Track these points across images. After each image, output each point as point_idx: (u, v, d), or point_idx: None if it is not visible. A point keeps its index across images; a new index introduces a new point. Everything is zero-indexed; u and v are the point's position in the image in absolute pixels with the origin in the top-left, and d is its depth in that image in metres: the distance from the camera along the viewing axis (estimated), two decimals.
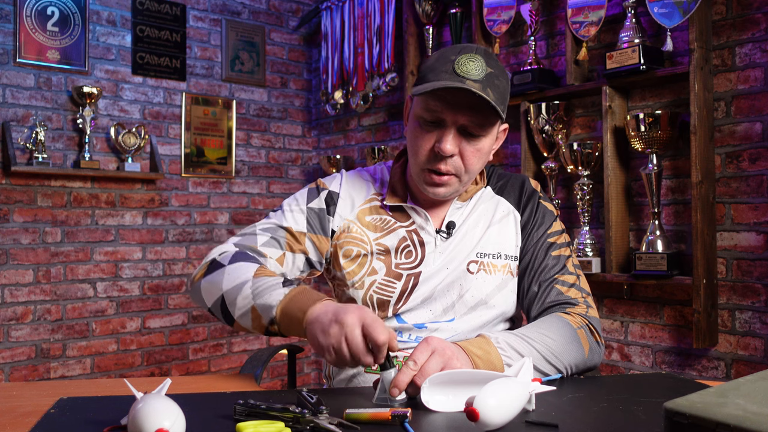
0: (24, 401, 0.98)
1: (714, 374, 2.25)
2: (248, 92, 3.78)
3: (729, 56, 2.23)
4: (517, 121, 2.83)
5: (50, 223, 3.10)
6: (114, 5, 3.32)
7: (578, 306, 1.21)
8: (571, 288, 1.23)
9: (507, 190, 1.31)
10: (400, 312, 1.22)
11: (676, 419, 0.60)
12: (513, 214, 1.28)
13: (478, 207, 1.28)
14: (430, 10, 3.14)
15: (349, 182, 1.32)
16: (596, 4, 2.44)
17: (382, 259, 1.24)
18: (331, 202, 1.28)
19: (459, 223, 1.26)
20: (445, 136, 1.13)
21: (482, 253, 1.24)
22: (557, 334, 1.11)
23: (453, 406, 0.88)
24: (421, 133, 1.17)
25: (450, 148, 1.13)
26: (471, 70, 1.10)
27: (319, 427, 0.80)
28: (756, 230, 2.17)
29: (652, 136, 2.25)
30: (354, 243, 1.25)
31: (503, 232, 1.26)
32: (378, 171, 1.35)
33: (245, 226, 3.72)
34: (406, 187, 1.29)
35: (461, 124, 1.14)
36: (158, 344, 3.42)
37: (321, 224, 1.27)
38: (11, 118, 3.00)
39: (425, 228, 1.25)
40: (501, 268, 1.24)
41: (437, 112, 1.13)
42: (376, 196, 1.30)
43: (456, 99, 1.11)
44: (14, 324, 2.98)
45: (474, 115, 1.13)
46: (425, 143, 1.16)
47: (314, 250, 1.26)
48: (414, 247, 1.24)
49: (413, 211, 1.26)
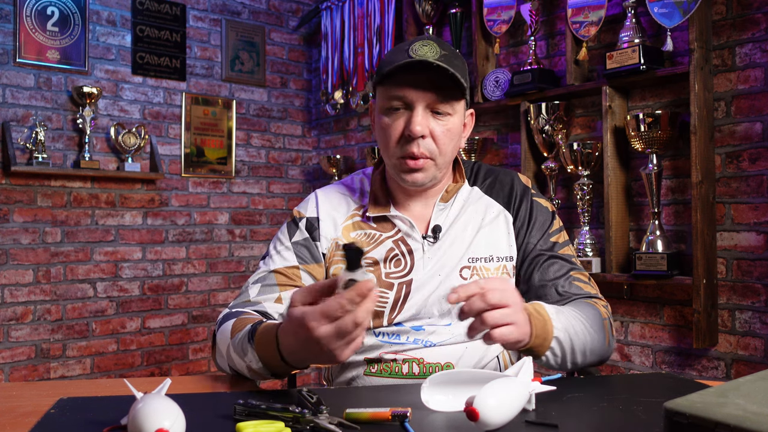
0: (24, 401, 0.98)
1: (714, 374, 2.25)
2: (248, 92, 3.78)
3: (729, 56, 2.23)
4: (517, 121, 2.83)
5: (50, 223, 3.10)
6: (114, 5, 3.32)
7: (601, 299, 1.22)
8: (587, 284, 1.22)
9: (496, 189, 1.29)
10: (395, 322, 1.21)
11: (676, 419, 0.60)
12: (503, 214, 1.26)
13: (467, 209, 1.26)
14: (430, 10, 3.14)
15: (325, 201, 1.29)
16: (596, 4, 2.44)
17: (372, 270, 1.22)
18: (312, 228, 1.27)
19: (446, 227, 1.24)
20: (413, 117, 1.14)
21: (474, 258, 1.22)
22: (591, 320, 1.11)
23: (453, 406, 0.87)
24: (389, 123, 1.17)
25: (419, 128, 1.13)
26: (426, 53, 1.12)
27: (319, 427, 0.80)
28: (756, 230, 2.17)
29: (652, 136, 2.25)
30: (343, 261, 1.24)
31: (494, 234, 1.24)
32: (356, 181, 1.33)
33: (244, 226, 3.72)
34: (388, 194, 1.27)
35: (428, 103, 1.14)
36: (158, 344, 3.42)
37: (311, 253, 1.25)
38: (11, 118, 3.00)
39: (411, 235, 1.23)
40: (494, 270, 1.22)
41: (401, 96, 1.14)
42: (356, 211, 1.28)
43: (418, 78, 1.13)
44: (14, 324, 2.98)
45: (438, 91, 1.14)
46: (394, 131, 1.16)
47: (311, 280, 1.25)
48: (402, 255, 1.23)
49: (397, 219, 1.24)
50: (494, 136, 2.98)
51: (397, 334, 1.21)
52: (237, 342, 1.06)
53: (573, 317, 1.08)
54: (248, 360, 1.03)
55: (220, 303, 3.62)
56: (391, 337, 1.20)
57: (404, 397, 0.97)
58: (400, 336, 1.20)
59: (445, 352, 1.18)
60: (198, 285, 3.56)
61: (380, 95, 1.19)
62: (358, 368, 1.22)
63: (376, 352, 1.20)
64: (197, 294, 3.56)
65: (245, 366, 1.06)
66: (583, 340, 1.08)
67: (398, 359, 1.19)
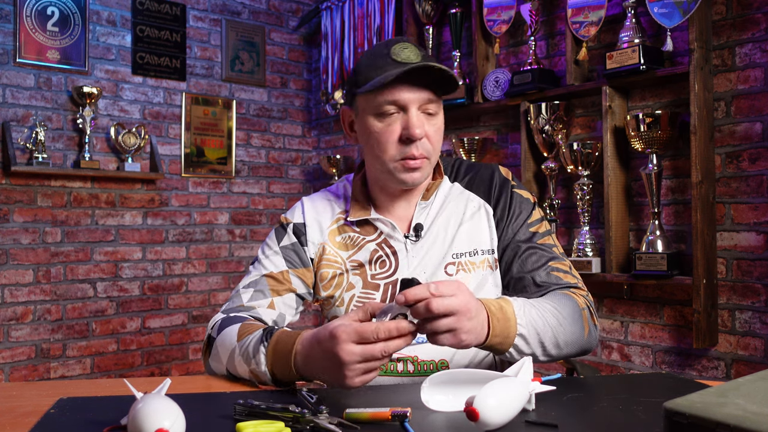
0: (24, 401, 0.98)
1: (714, 374, 2.25)
2: (248, 92, 3.78)
3: (729, 56, 2.23)
4: (517, 121, 2.83)
5: (50, 223, 3.10)
6: (114, 5, 3.32)
7: (580, 289, 1.21)
8: (567, 274, 1.22)
9: (476, 183, 1.29)
10: None
11: (676, 419, 0.60)
12: (484, 207, 1.26)
13: (447, 205, 1.27)
14: (430, 10, 3.14)
15: (312, 208, 1.32)
16: (596, 4, 2.44)
17: (358, 273, 1.24)
18: (300, 233, 1.28)
19: (427, 225, 1.25)
20: (411, 120, 1.15)
21: (457, 253, 1.23)
22: (566, 311, 1.11)
23: (453, 406, 0.87)
24: (384, 128, 1.17)
25: (419, 131, 1.15)
26: (410, 55, 1.14)
27: (319, 426, 0.80)
28: (756, 230, 2.17)
29: (652, 136, 2.25)
30: (329, 264, 1.26)
31: (475, 228, 1.25)
32: (341, 188, 1.35)
33: (244, 226, 3.72)
34: (368, 198, 1.28)
35: (420, 104, 1.16)
36: (158, 344, 3.42)
37: (299, 257, 1.27)
38: (11, 118, 3.00)
39: (393, 236, 1.24)
40: (479, 264, 1.23)
41: (395, 100, 1.15)
42: (341, 215, 1.30)
43: (412, 80, 1.14)
44: (14, 324, 2.98)
45: (432, 91, 1.16)
46: (391, 135, 1.17)
47: (301, 284, 1.27)
48: (387, 256, 1.24)
49: (378, 222, 1.25)
50: (494, 136, 2.98)
51: None
52: (245, 345, 1.07)
53: (545, 310, 1.08)
54: (254, 363, 1.04)
55: (220, 303, 3.62)
56: None
57: (404, 397, 0.97)
58: None
59: (439, 349, 1.19)
60: (198, 285, 3.56)
61: (366, 100, 1.19)
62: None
63: None
64: (197, 294, 3.56)
65: (248, 370, 1.06)
66: (555, 332, 1.07)
67: (392, 358, 1.19)
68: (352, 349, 0.90)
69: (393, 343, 0.90)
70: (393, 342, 0.90)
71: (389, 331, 0.89)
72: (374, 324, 0.90)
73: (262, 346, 1.03)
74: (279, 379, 1.04)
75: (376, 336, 0.89)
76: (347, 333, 0.90)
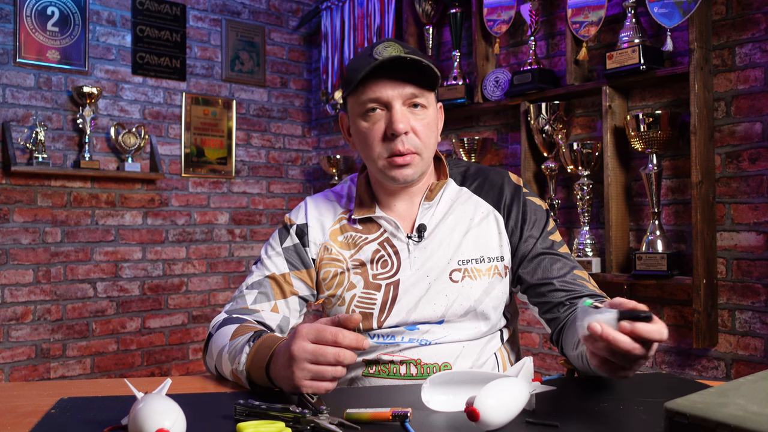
0: (24, 401, 0.98)
1: (714, 374, 2.25)
2: (248, 92, 3.78)
3: (729, 56, 2.23)
4: (517, 121, 2.83)
5: (50, 223, 3.10)
6: (114, 5, 3.32)
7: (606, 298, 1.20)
8: (588, 282, 1.22)
9: (485, 189, 1.28)
10: (384, 325, 1.20)
11: (676, 419, 0.60)
12: (493, 214, 1.25)
13: (454, 210, 1.25)
14: (430, 10, 3.14)
15: (314, 208, 1.31)
16: (596, 4, 2.44)
17: (359, 272, 1.23)
18: (302, 234, 1.28)
19: (431, 227, 1.24)
20: (394, 115, 1.15)
21: (463, 260, 1.21)
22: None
23: (453, 406, 0.87)
24: (369, 127, 1.18)
25: (402, 126, 1.14)
26: (392, 53, 1.13)
27: (319, 427, 0.80)
28: (756, 230, 2.17)
29: (652, 136, 2.25)
30: (331, 264, 1.25)
31: (483, 234, 1.23)
32: (345, 188, 1.34)
33: (244, 226, 3.72)
34: (373, 197, 1.28)
35: (404, 99, 1.15)
36: (158, 344, 3.42)
37: (301, 259, 1.27)
38: (11, 118, 3.00)
39: (396, 235, 1.24)
40: (486, 271, 1.21)
41: (377, 97, 1.15)
42: (343, 215, 1.29)
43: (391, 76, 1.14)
44: (14, 324, 2.98)
45: (413, 84, 1.15)
46: (376, 133, 1.17)
47: (304, 286, 1.26)
48: (389, 256, 1.23)
49: (382, 220, 1.25)
50: (494, 136, 2.98)
51: (392, 335, 1.21)
52: (234, 345, 1.06)
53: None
54: (236, 363, 1.04)
55: (220, 303, 3.62)
56: (387, 338, 1.20)
57: (405, 398, 0.97)
58: (395, 336, 1.20)
59: (442, 351, 1.18)
60: (198, 285, 3.56)
61: (353, 102, 1.19)
62: (357, 369, 1.23)
63: (374, 353, 1.21)
64: (197, 294, 3.56)
65: (231, 369, 1.06)
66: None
67: (395, 360, 1.19)
68: (305, 346, 0.88)
69: (348, 354, 0.87)
70: (348, 352, 0.87)
71: (350, 341, 0.87)
72: (335, 329, 0.88)
73: (247, 347, 1.03)
74: (253, 381, 1.02)
75: (335, 340, 0.87)
76: (307, 330, 0.89)
